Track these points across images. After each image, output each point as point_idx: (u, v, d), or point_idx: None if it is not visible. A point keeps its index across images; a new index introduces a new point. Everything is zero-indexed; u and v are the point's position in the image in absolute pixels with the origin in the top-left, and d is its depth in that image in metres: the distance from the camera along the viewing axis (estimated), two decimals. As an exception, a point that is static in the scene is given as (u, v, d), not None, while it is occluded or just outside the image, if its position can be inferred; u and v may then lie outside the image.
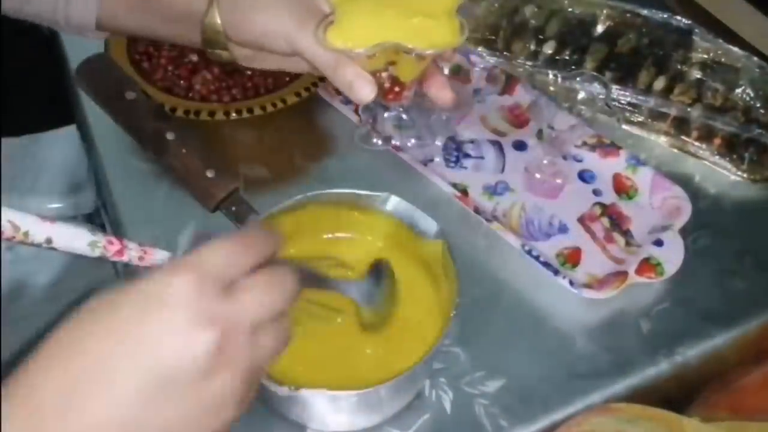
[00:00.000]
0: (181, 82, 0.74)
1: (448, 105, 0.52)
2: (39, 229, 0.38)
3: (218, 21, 0.56)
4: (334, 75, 0.50)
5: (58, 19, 0.61)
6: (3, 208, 0.36)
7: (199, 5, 0.56)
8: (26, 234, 0.37)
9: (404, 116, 0.51)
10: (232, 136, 0.73)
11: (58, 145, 1.09)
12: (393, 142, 0.51)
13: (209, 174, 0.61)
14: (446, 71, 0.73)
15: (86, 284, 0.90)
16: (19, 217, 0.37)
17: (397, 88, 0.50)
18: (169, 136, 0.63)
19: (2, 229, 0.36)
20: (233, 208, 0.60)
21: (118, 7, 0.60)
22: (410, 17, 0.46)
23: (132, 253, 0.42)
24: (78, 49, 0.64)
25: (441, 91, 0.51)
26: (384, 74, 0.49)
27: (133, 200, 0.68)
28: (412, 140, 0.57)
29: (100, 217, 0.93)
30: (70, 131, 1.05)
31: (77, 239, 0.39)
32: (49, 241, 0.38)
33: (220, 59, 0.60)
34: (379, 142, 0.51)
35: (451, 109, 0.71)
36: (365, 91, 0.50)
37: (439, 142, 0.73)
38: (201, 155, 0.62)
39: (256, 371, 0.35)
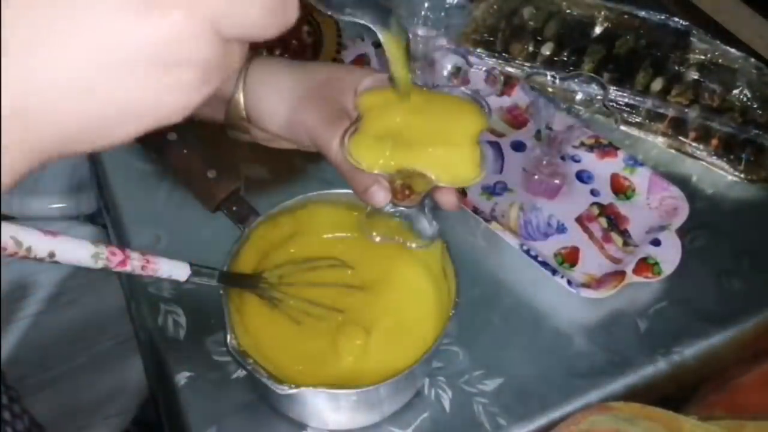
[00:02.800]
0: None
1: (452, 210, 0.53)
2: (41, 244, 0.37)
3: (242, 107, 0.55)
4: (352, 180, 0.50)
5: None
6: (4, 224, 0.36)
7: (226, 87, 0.55)
8: (29, 249, 0.37)
9: (407, 213, 0.53)
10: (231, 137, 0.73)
11: (60, 146, 1.09)
12: (396, 239, 0.52)
13: (210, 174, 0.61)
14: (445, 72, 0.74)
15: (87, 284, 0.90)
16: (22, 233, 0.36)
17: (407, 192, 0.51)
18: (171, 136, 0.63)
19: (4, 245, 0.36)
20: (234, 209, 0.60)
21: None
22: (433, 144, 0.46)
23: (135, 263, 0.42)
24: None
25: (447, 197, 0.51)
26: (398, 182, 0.50)
27: (134, 200, 0.68)
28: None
29: (101, 217, 0.93)
30: (71, 132, 1.06)
31: (80, 251, 0.39)
32: (52, 255, 0.38)
33: (239, 139, 0.59)
34: (378, 238, 0.52)
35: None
36: (379, 198, 0.50)
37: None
38: (202, 156, 0.63)
39: (233, 25, 0.25)
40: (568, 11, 0.80)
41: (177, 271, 0.47)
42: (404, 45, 0.43)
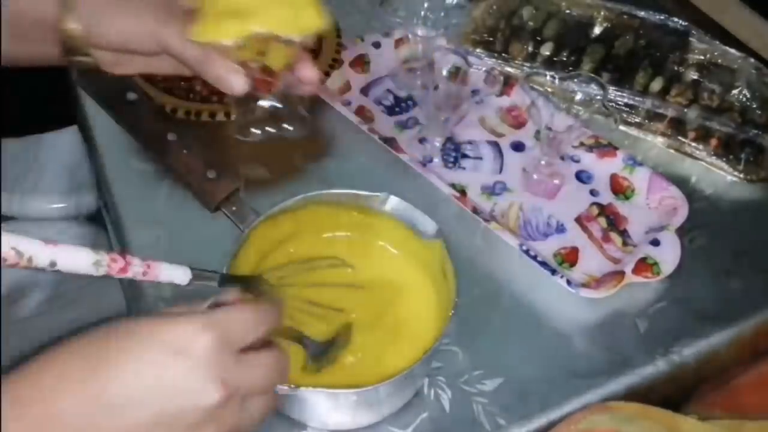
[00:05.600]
0: (182, 83, 0.74)
1: (314, 84, 0.54)
2: (42, 253, 0.37)
3: (74, 25, 0.52)
4: (204, 69, 0.50)
5: None
6: (4, 235, 0.36)
7: (51, 11, 0.52)
8: (30, 259, 0.37)
9: (279, 105, 0.52)
10: (232, 137, 0.73)
11: (60, 146, 1.09)
12: (269, 129, 0.52)
13: (210, 175, 0.61)
14: (445, 72, 0.73)
15: (87, 285, 0.90)
16: (23, 243, 0.37)
17: (267, 78, 0.51)
18: (170, 137, 0.63)
19: (5, 256, 0.36)
20: (233, 209, 0.60)
21: None
22: (276, 8, 0.48)
23: (136, 269, 0.42)
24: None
25: (308, 71, 0.52)
26: (254, 65, 0.50)
27: (134, 201, 0.69)
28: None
29: (101, 217, 0.94)
30: (71, 132, 1.05)
31: (81, 260, 0.39)
32: (53, 264, 0.38)
33: (81, 66, 0.57)
34: (258, 132, 0.52)
35: (449, 111, 0.72)
36: (238, 83, 0.50)
37: (437, 143, 0.73)
38: (202, 156, 0.63)
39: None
40: (567, 11, 0.81)
41: (178, 275, 0.47)
42: None
